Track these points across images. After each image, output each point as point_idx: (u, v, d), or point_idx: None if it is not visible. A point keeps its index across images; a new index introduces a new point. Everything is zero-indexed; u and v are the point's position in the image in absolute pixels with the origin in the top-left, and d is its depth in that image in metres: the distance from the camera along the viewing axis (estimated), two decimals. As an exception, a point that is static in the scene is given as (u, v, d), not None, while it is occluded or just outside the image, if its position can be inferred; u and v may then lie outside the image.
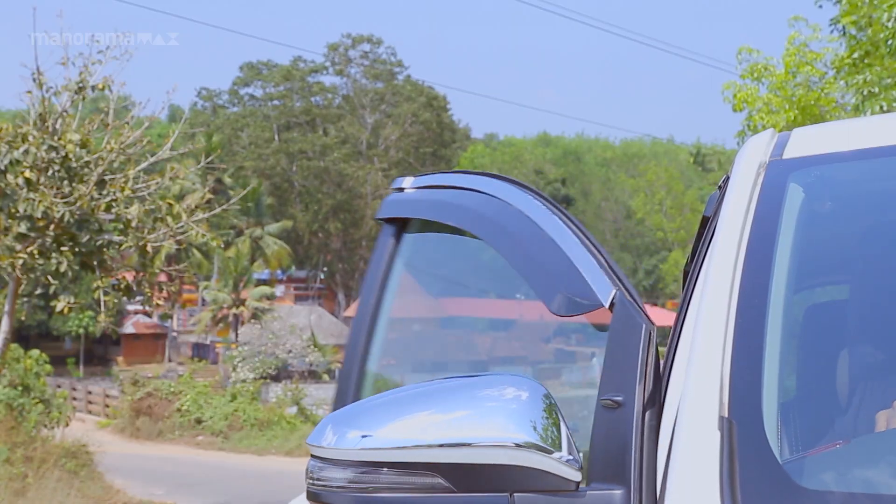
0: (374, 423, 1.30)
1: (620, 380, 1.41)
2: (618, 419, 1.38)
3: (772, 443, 1.23)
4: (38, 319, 42.82)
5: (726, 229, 1.49)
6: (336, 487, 1.31)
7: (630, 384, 1.40)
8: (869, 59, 10.91)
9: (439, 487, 1.28)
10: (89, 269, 10.34)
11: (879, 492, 1.24)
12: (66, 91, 10.25)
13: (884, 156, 1.63)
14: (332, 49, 58.38)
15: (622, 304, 1.49)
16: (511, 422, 1.27)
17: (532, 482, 1.27)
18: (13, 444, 13.89)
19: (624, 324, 1.45)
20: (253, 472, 19.74)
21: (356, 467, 1.29)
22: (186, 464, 21.06)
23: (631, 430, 1.36)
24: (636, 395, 1.39)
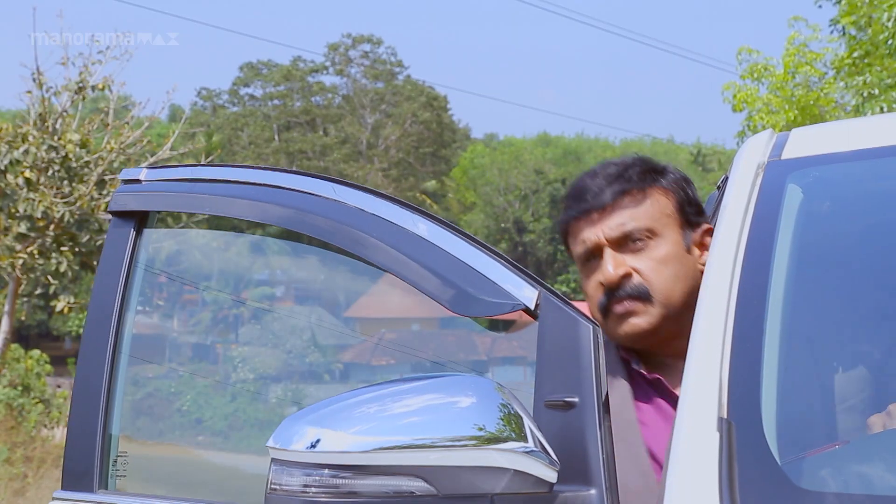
0: (344, 423, 1.27)
1: (568, 380, 1.40)
2: (572, 419, 1.38)
3: (771, 444, 1.23)
4: (38, 319, 42.85)
5: (725, 230, 1.49)
6: (299, 493, 1.27)
7: (585, 385, 1.39)
8: (869, 59, 10.91)
9: (421, 491, 1.26)
10: (89, 269, 10.34)
11: (878, 493, 1.24)
12: (66, 91, 10.27)
13: (883, 156, 1.63)
14: (332, 49, 58.42)
15: (552, 306, 1.48)
16: (485, 422, 1.27)
17: (510, 483, 1.27)
18: (13, 444, 13.90)
19: (563, 325, 1.44)
20: (253, 472, 19.75)
21: (322, 470, 1.26)
22: (186, 464, 21.08)
23: (593, 430, 1.36)
24: (594, 396, 1.39)
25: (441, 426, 1.26)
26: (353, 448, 1.24)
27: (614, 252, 1.73)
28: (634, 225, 1.73)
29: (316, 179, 1.76)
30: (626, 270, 1.72)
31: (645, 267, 1.72)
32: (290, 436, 1.25)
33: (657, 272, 1.72)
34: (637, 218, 1.74)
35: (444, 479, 1.26)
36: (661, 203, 1.77)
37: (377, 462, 1.24)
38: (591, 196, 1.76)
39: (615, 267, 1.71)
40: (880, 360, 1.43)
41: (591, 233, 1.75)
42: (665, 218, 1.76)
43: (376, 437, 1.24)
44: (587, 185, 1.78)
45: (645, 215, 1.75)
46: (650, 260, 1.72)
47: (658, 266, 1.72)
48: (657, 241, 1.74)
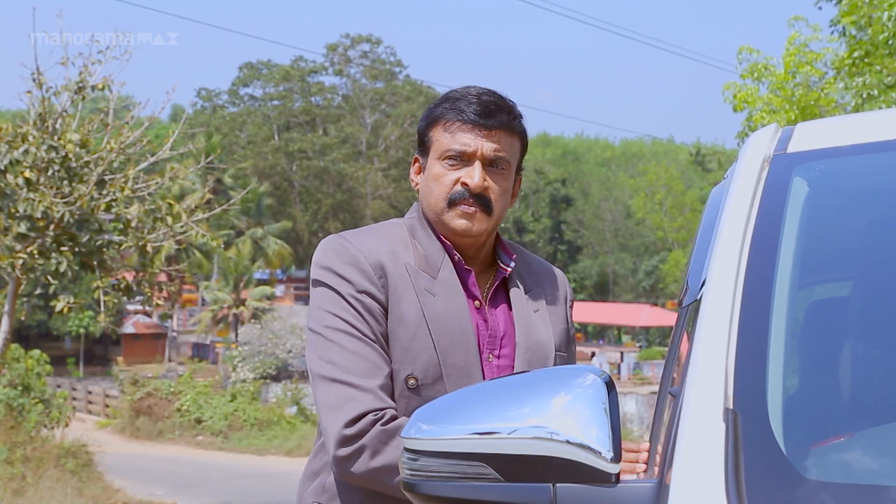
0: (441, 415, 1.41)
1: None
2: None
3: (776, 434, 1.24)
4: (38, 319, 42.84)
5: (731, 222, 1.50)
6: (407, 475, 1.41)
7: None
8: (869, 58, 10.91)
9: (487, 476, 1.35)
10: (89, 269, 10.33)
11: (883, 483, 1.24)
12: (65, 91, 10.25)
13: (888, 150, 1.64)
14: (332, 49, 58.42)
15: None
16: (561, 414, 1.33)
17: (573, 474, 1.31)
18: (13, 444, 13.89)
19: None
20: (253, 472, 19.75)
21: (421, 456, 1.39)
22: (186, 464, 21.07)
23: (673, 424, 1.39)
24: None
25: (517, 416, 1.34)
26: (432, 435, 1.38)
27: (482, 167, 2.07)
28: (504, 155, 2.09)
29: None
30: (487, 185, 2.08)
31: (495, 189, 2.09)
32: (409, 427, 1.41)
33: (500, 196, 2.10)
34: (507, 151, 2.10)
35: (508, 466, 1.33)
36: (517, 148, 2.14)
37: (452, 449, 1.36)
38: (483, 112, 2.06)
39: (482, 179, 2.06)
40: (886, 351, 1.43)
41: (472, 141, 2.07)
42: (514, 159, 2.14)
43: (461, 425, 1.37)
44: (481, 101, 2.07)
45: (510, 151, 2.11)
46: (499, 186, 2.10)
47: (502, 192, 2.10)
48: (507, 174, 2.11)
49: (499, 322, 2.10)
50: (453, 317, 2.02)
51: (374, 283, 2.01)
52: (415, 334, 1.99)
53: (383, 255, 2.04)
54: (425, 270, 2.05)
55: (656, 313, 48.31)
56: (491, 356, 2.06)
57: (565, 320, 2.22)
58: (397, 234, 2.12)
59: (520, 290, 2.15)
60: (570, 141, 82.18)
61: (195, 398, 25.01)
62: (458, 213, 2.07)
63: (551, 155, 72.44)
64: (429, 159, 2.12)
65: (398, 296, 2.01)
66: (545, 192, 65.77)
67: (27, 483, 12.99)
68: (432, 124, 2.12)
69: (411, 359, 1.98)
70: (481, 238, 2.11)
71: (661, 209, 54.62)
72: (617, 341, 55.58)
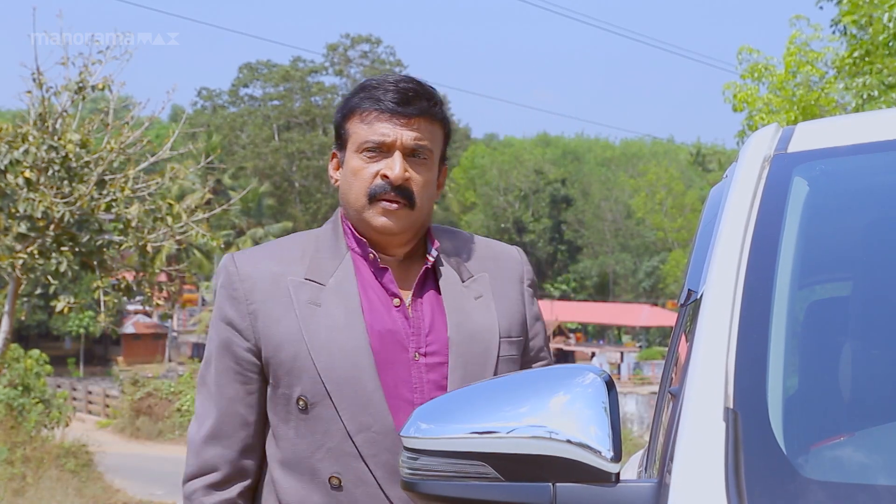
0: (440, 414, 1.41)
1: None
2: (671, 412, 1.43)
3: (777, 434, 1.24)
4: (38, 319, 42.84)
5: (731, 222, 1.50)
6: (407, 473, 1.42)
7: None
8: (870, 58, 10.91)
9: (487, 475, 1.34)
10: (89, 269, 10.34)
11: (883, 483, 1.24)
12: (66, 91, 10.25)
13: (888, 150, 1.64)
14: (332, 49, 58.43)
15: None
16: (561, 414, 1.32)
17: (573, 473, 1.30)
18: (13, 444, 13.90)
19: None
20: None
21: (421, 455, 1.39)
22: (186, 464, 21.03)
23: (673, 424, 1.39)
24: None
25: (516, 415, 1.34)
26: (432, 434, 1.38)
27: (402, 157, 1.96)
28: (426, 144, 1.99)
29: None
30: (408, 177, 1.97)
31: (417, 180, 1.98)
32: (409, 426, 1.41)
33: (423, 189, 1.99)
34: (428, 140, 1.99)
35: (508, 465, 1.33)
36: (439, 136, 2.03)
37: (451, 448, 1.36)
38: (400, 100, 1.96)
39: (402, 170, 1.96)
40: (886, 351, 1.43)
41: (391, 131, 1.96)
42: (437, 148, 2.03)
43: (461, 424, 1.37)
44: (399, 88, 1.97)
45: (432, 140, 2.00)
46: (422, 177, 1.99)
47: (425, 184, 2.00)
48: (430, 165, 2.01)
49: (424, 317, 1.98)
50: (339, 326, 1.92)
51: (242, 315, 1.96)
52: (296, 354, 1.91)
53: (264, 276, 1.96)
54: (315, 280, 1.96)
55: (656, 313, 48.33)
56: (417, 354, 1.95)
57: (519, 302, 2.08)
58: (297, 246, 2.03)
59: (453, 279, 2.03)
60: (570, 141, 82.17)
61: (195, 398, 24.99)
62: (380, 210, 1.96)
63: (551, 155, 72.42)
64: (346, 153, 2.02)
65: (275, 318, 1.93)
66: (545, 192, 65.76)
67: (27, 483, 13.00)
68: (348, 115, 2.02)
69: (297, 380, 1.91)
70: (406, 235, 2.01)
71: (661, 209, 54.63)
72: (617, 341, 55.59)
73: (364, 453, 1.88)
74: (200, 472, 1.99)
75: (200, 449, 2.00)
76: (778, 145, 1.68)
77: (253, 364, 1.97)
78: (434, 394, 1.92)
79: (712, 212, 1.76)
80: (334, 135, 2.08)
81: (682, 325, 1.71)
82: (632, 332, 55.94)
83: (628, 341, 55.78)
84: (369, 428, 1.88)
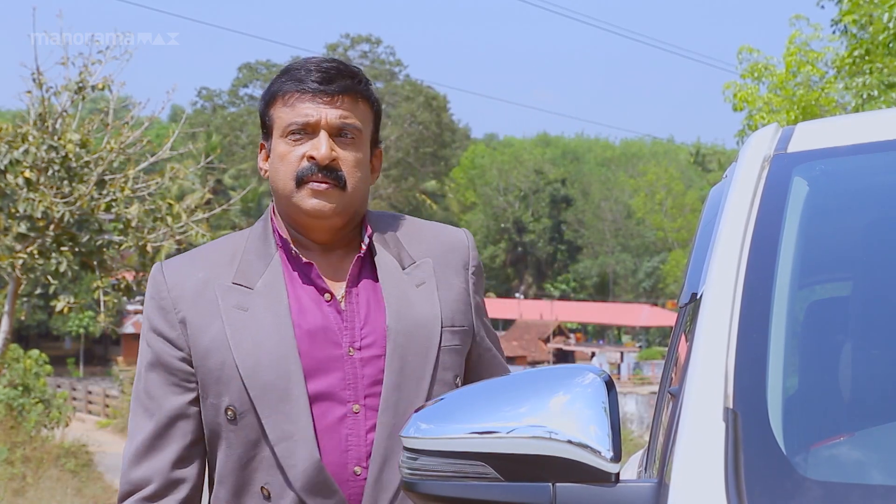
0: (441, 415, 1.41)
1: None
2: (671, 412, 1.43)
3: (776, 434, 1.24)
4: (38, 319, 42.83)
5: (730, 222, 1.50)
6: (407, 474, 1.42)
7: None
8: (870, 57, 10.91)
9: (487, 476, 1.34)
10: (89, 269, 10.34)
11: (883, 483, 1.24)
12: (66, 91, 10.25)
13: (888, 150, 1.64)
14: (332, 49, 58.41)
15: None
16: (560, 414, 1.32)
17: (573, 473, 1.30)
18: (13, 444, 13.90)
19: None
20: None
21: (420, 455, 1.39)
22: (186, 464, 21.01)
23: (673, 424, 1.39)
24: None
25: (516, 415, 1.33)
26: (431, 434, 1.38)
27: (329, 137, 1.89)
28: (351, 122, 1.90)
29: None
30: (336, 156, 1.89)
31: (347, 160, 1.90)
32: (408, 427, 1.41)
33: (353, 168, 1.91)
34: (355, 118, 1.91)
35: (508, 465, 1.32)
36: (368, 115, 1.95)
37: (451, 448, 1.35)
38: (322, 79, 1.89)
39: (329, 150, 1.87)
40: (886, 351, 1.43)
41: (315, 110, 1.88)
42: (367, 128, 1.95)
43: (460, 424, 1.36)
44: (320, 68, 1.90)
45: (359, 118, 1.92)
46: (351, 157, 1.91)
47: (356, 164, 1.91)
48: (359, 144, 1.92)
49: (360, 309, 1.89)
50: (266, 331, 1.85)
51: (171, 324, 1.90)
52: (223, 363, 1.85)
53: (191, 283, 1.91)
54: (242, 283, 1.89)
55: (656, 313, 48.35)
56: (351, 349, 1.86)
57: (464, 290, 1.97)
58: (227, 249, 1.96)
59: (392, 267, 1.93)
60: (570, 141, 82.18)
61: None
62: (309, 193, 1.87)
63: (551, 155, 72.44)
64: (273, 140, 1.93)
65: (201, 327, 1.88)
66: (545, 192, 65.77)
67: (27, 483, 13.00)
68: (271, 102, 1.93)
69: (225, 389, 1.85)
70: (340, 219, 1.91)
71: (661, 209, 54.63)
72: (617, 341, 55.61)
73: (285, 463, 1.82)
74: (134, 488, 1.92)
75: (132, 466, 1.93)
76: (778, 145, 1.68)
77: (188, 373, 1.91)
78: (371, 389, 1.85)
79: (712, 212, 1.76)
80: (260, 124, 2.00)
81: (682, 325, 1.71)
82: (632, 332, 55.96)
83: (628, 341, 55.80)
84: (291, 436, 1.82)
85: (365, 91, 1.94)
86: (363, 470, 1.84)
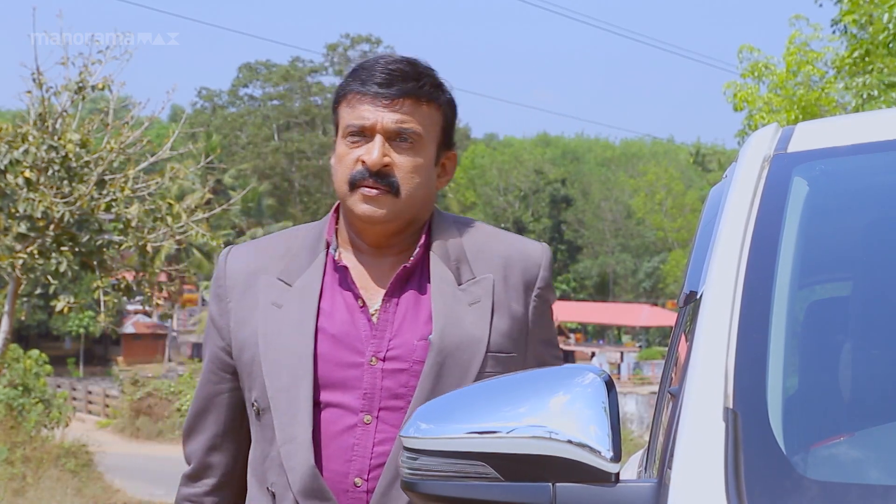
0: (440, 414, 1.40)
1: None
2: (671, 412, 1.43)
3: (776, 434, 1.24)
4: (38, 319, 42.82)
5: (730, 222, 1.50)
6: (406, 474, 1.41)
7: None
8: (870, 57, 10.91)
9: (487, 475, 1.34)
10: (89, 269, 10.33)
11: (883, 483, 1.24)
12: (65, 91, 10.25)
13: (888, 150, 1.64)
14: (332, 49, 58.40)
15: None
16: (561, 414, 1.32)
17: (573, 473, 1.30)
18: (13, 444, 13.90)
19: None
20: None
21: (420, 455, 1.38)
22: (186, 464, 21.03)
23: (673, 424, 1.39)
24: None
25: (516, 415, 1.33)
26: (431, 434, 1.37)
27: (384, 141, 1.86)
28: (410, 127, 1.87)
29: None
30: (389, 161, 1.86)
31: (402, 166, 1.87)
32: (408, 426, 1.41)
33: (410, 175, 1.87)
34: (414, 122, 1.88)
35: (508, 465, 1.32)
36: (434, 119, 1.92)
37: (451, 448, 1.35)
38: (383, 82, 1.87)
39: (381, 155, 1.85)
40: (886, 351, 1.43)
41: (372, 114, 1.86)
42: (431, 132, 1.91)
43: (460, 424, 1.36)
44: (385, 69, 1.88)
45: (420, 122, 1.88)
46: (408, 162, 1.87)
47: (413, 170, 1.88)
48: (418, 149, 1.89)
49: (393, 320, 1.85)
50: (290, 331, 1.85)
51: (222, 312, 1.94)
52: (253, 358, 1.87)
53: (244, 274, 1.93)
54: (285, 279, 1.90)
55: (656, 313, 48.31)
56: (374, 359, 1.83)
57: (521, 315, 1.89)
58: (286, 242, 1.97)
59: (447, 281, 1.86)
60: (570, 141, 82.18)
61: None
62: (360, 197, 1.85)
63: (551, 155, 72.42)
64: (337, 139, 1.93)
65: (243, 320, 1.90)
66: (545, 192, 65.75)
67: (27, 483, 13.00)
68: (339, 101, 1.93)
69: (253, 384, 1.87)
70: (393, 225, 1.88)
71: (661, 209, 54.63)
72: (617, 341, 55.60)
73: (286, 465, 1.82)
74: (186, 461, 2.05)
75: (184, 440, 2.05)
76: (778, 145, 1.68)
77: (226, 364, 1.95)
78: (388, 402, 1.82)
79: (712, 212, 1.76)
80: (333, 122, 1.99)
81: (682, 325, 1.71)
82: (632, 332, 55.94)
83: (628, 341, 55.78)
84: (294, 439, 1.81)
85: (430, 94, 1.90)
86: (364, 482, 1.82)
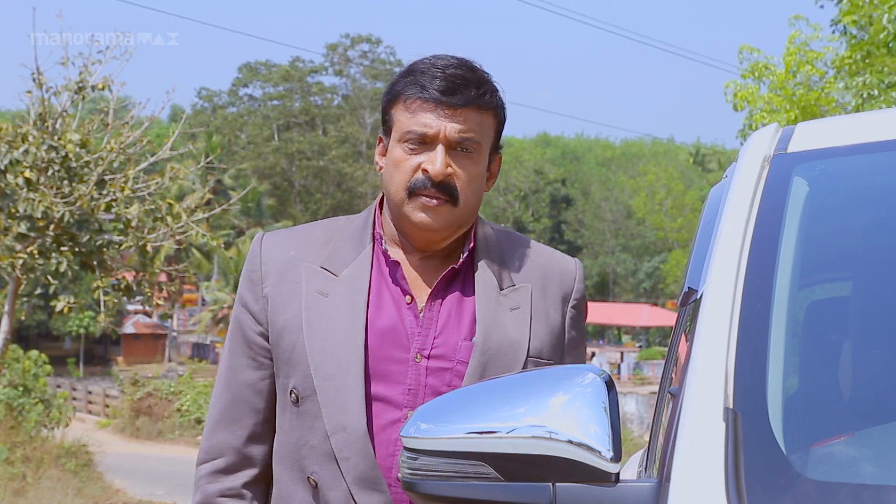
0: (440, 414, 1.41)
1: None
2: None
3: (776, 434, 1.24)
4: (38, 319, 42.83)
5: (730, 222, 1.50)
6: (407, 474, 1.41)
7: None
8: (870, 58, 10.91)
9: (487, 475, 1.34)
10: (89, 269, 10.33)
11: (883, 483, 1.24)
12: (65, 91, 10.25)
13: (888, 150, 1.64)
14: (332, 49, 58.40)
15: None
16: (560, 414, 1.32)
17: (573, 473, 1.30)
18: (13, 444, 13.90)
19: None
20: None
21: (420, 455, 1.38)
22: (186, 464, 21.05)
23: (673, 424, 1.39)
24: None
25: (516, 415, 1.33)
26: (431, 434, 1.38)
27: (446, 150, 1.86)
28: (471, 137, 1.86)
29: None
30: (452, 171, 1.86)
31: (462, 176, 1.87)
32: (408, 426, 1.41)
33: (468, 184, 1.88)
34: (475, 131, 1.87)
35: (508, 465, 1.32)
36: (490, 125, 1.91)
37: (451, 448, 1.35)
38: (446, 89, 1.85)
39: (444, 165, 1.84)
40: (886, 351, 1.43)
41: (435, 122, 1.85)
42: (487, 139, 1.91)
43: (460, 424, 1.36)
44: (446, 75, 1.86)
45: (480, 132, 1.88)
46: (467, 172, 1.87)
47: (470, 179, 1.88)
48: (477, 158, 1.89)
49: (439, 319, 1.88)
50: (338, 320, 1.86)
51: (257, 298, 1.93)
52: (294, 344, 1.87)
53: (281, 260, 1.92)
54: (329, 268, 1.90)
55: (656, 313, 48.30)
56: (419, 356, 1.86)
57: (559, 323, 1.94)
58: (325, 232, 1.97)
59: (490, 285, 1.90)
60: (570, 141, 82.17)
61: (195, 398, 25.01)
62: (419, 206, 1.86)
63: (551, 155, 72.43)
64: (391, 140, 1.92)
65: (283, 305, 1.90)
66: (545, 192, 65.76)
67: (27, 483, 12.99)
68: (393, 101, 1.92)
69: (293, 371, 1.87)
70: (447, 232, 1.90)
71: (661, 209, 54.59)
72: (617, 341, 55.59)
73: (338, 455, 1.83)
74: (208, 457, 1.99)
75: (210, 433, 1.99)
76: (778, 145, 1.68)
77: (264, 349, 1.93)
78: (429, 399, 1.80)
79: (712, 212, 1.76)
80: (381, 119, 1.97)
81: (682, 325, 1.71)
82: (632, 332, 55.93)
83: (628, 341, 55.77)
84: (345, 429, 1.82)
85: (490, 102, 1.89)
86: None
